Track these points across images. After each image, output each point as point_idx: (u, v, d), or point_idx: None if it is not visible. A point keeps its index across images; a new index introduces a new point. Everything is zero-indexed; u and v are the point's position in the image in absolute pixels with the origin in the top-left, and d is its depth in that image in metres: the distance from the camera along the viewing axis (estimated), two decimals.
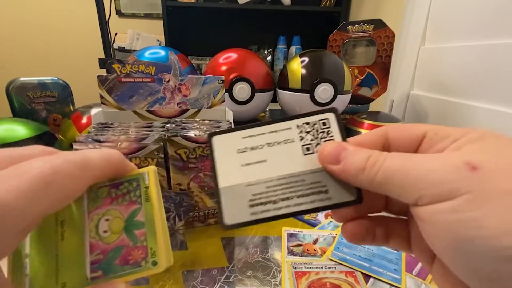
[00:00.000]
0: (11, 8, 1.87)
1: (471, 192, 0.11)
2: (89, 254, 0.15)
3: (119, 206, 0.16)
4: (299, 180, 0.16)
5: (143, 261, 0.15)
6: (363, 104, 0.75)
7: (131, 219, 0.16)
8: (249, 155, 0.17)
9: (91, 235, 0.15)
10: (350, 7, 1.46)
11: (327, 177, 0.16)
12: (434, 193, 0.12)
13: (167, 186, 0.38)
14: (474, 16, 0.63)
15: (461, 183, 0.11)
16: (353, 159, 0.15)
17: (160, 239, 0.15)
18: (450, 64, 0.68)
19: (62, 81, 0.63)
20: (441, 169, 0.12)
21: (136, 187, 0.16)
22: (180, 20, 1.58)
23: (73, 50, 1.95)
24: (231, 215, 0.16)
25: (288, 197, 0.16)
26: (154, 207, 0.16)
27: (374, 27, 0.67)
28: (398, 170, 0.13)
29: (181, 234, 0.39)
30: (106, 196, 0.16)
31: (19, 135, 0.42)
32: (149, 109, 0.46)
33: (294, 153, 0.17)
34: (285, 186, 0.16)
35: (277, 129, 0.17)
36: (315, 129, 0.17)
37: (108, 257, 0.15)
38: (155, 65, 0.44)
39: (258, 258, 0.35)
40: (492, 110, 0.56)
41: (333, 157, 0.15)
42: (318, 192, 0.16)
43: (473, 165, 0.12)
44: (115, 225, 0.15)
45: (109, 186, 0.16)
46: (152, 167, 0.17)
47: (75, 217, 0.15)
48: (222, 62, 0.69)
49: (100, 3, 0.96)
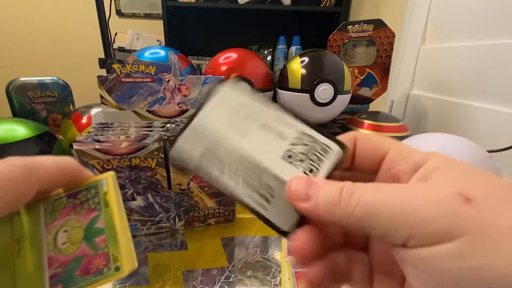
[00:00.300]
0: (11, 8, 1.87)
1: (470, 232, 0.10)
2: (47, 269, 0.15)
3: (78, 215, 0.16)
4: (258, 173, 0.15)
5: (105, 268, 0.14)
6: (363, 104, 0.75)
7: (90, 227, 0.15)
8: (239, 120, 0.16)
9: (49, 248, 0.15)
10: (350, 7, 1.46)
11: (281, 194, 0.15)
12: (427, 232, 0.10)
13: (167, 186, 0.38)
14: (474, 16, 0.63)
15: (458, 220, 0.10)
16: (324, 192, 0.13)
17: (121, 243, 0.15)
18: (450, 64, 0.68)
19: (62, 81, 0.63)
20: (433, 203, 0.11)
21: (95, 194, 0.16)
22: (180, 20, 1.58)
23: (73, 50, 1.95)
24: (181, 147, 0.16)
25: (237, 174, 0.15)
26: (113, 211, 0.15)
27: (374, 27, 0.67)
28: (382, 204, 0.11)
29: (181, 234, 0.39)
30: (64, 207, 0.16)
31: (19, 135, 0.42)
32: (149, 109, 0.46)
33: (276, 150, 0.15)
34: (243, 165, 0.15)
35: (281, 120, 0.16)
36: (312, 148, 0.15)
37: (68, 269, 0.15)
38: (155, 65, 0.44)
39: (258, 258, 0.35)
40: (492, 110, 0.56)
41: (301, 194, 0.13)
42: (262, 195, 0.15)
43: (466, 197, 0.10)
44: (74, 235, 0.15)
45: (66, 196, 0.16)
46: (111, 172, 0.17)
47: (32, 232, 0.15)
48: (222, 62, 0.69)
49: (100, 3, 0.96)
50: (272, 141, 0.16)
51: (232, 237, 0.39)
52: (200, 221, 0.41)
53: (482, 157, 0.35)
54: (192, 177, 0.38)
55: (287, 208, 0.14)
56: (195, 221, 0.41)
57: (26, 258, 0.15)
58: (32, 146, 0.42)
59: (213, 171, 0.15)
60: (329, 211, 0.12)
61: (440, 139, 0.38)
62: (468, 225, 0.10)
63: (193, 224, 0.41)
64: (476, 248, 0.09)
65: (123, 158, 0.34)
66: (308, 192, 0.13)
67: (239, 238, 0.39)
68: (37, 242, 0.15)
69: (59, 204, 0.16)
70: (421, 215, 0.10)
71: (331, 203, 0.12)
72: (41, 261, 0.15)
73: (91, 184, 0.16)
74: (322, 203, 0.13)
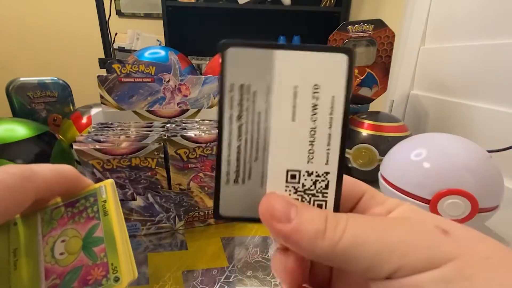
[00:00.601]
0: (11, 8, 1.87)
1: (455, 259, 0.10)
2: (44, 281, 0.14)
3: (76, 224, 0.15)
4: (259, 155, 0.13)
5: (104, 279, 0.14)
6: (363, 104, 0.75)
7: (89, 236, 0.15)
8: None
9: (46, 259, 0.14)
10: (350, 7, 1.46)
11: (253, 190, 0.13)
12: (416, 261, 0.10)
13: (167, 186, 0.38)
14: (474, 16, 0.63)
15: (441, 248, 0.10)
16: (308, 217, 0.12)
17: (121, 253, 0.14)
18: (450, 64, 0.68)
19: (62, 81, 0.63)
20: (417, 234, 0.11)
21: (94, 203, 0.15)
22: (180, 20, 1.58)
23: (73, 50, 1.95)
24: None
25: (244, 135, 0.13)
26: (113, 220, 0.15)
27: (374, 27, 0.67)
28: (369, 236, 0.11)
29: (181, 234, 0.39)
30: (62, 216, 0.15)
31: (19, 135, 0.42)
32: (149, 109, 0.46)
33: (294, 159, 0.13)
34: (259, 136, 0.13)
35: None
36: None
37: (65, 281, 0.14)
38: (155, 65, 0.44)
39: (258, 258, 0.35)
40: (492, 110, 0.56)
41: (281, 213, 0.12)
42: (238, 172, 0.13)
43: (443, 229, 0.11)
44: (72, 245, 0.15)
45: (64, 205, 0.15)
46: (110, 180, 0.16)
47: (29, 243, 0.15)
48: None
49: (100, 3, 0.96)
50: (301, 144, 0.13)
51: (232, 237, 0.39)
52: (200, 221, 0.41)
53: (482, 157, 0.35)
54: (192, 177, 0.38)
55: (243, 201, 0.13)
56: (195, 221, 0.41)
57: (22, 270, 0.14)
58: (32, 146, 0.42)
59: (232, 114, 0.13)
60: (313, 239, 0.11)
61: (440, 139, 0.38)
62: (450, 253, 0.10)
63: (193, 224, 0.41)
64: (463, 273, 0.10)
65: (123, 158, 0.34)
66: (288, 213, 0.12)
67: (239, 238, 0.39)
68: (34, 253, 0.14)
69: (57, 214, 0.15)
70: (409, 246, 0.11)
71: (316, 232, 0.11)
72: (38, 273, 0.14)
73: (89, 192, 0.16)
74: (307, 229, 0.11)
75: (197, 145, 0.36)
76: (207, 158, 0.38)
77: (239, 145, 0.13)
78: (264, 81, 0.13)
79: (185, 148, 0.36)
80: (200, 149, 0.37)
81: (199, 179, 0.38)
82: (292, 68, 0.13)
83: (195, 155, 0.37)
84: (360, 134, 0.56)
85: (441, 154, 0.36)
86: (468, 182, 0.33)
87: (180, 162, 0.37)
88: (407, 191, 0.37)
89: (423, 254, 0.10)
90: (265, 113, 0.13)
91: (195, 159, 0.37)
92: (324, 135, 0.13)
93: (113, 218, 0.15)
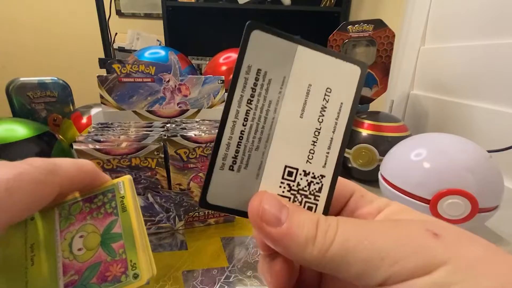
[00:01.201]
0: (11, 8, 1.87)
1: (446, 263, 0.10)
2: (62, 277, 0.14)
3: (94, 220, 0.15)
4: (261, 146, 0.13)
5: (123, 276, 0.14)
6: (363, 104, 0.75)
7: (107, 232, 0.15)
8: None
9: (64, 255, 0.14)
10: (350, 7, 1.46)
11: (248, 182, 0.13)
12: (409, 267, 0.10)
13: (167, 186, 0.38)
14: (474, 16, 0.63)
15: (433, 253, 0.10)
16: (300, 221, 0.11)
17: (140, 249, 0.14)
18: (450, 64, 0.68)
19: (62, 81, 0.63)
20: (409, 239, 0.11)
21: (112, 198, 0.15)
22: (180, 20, 1.58)
23: (73, 50, 1.95)
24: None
25: (251, 121, 0.13)
26: (131, 216, 0.15)
27: (374, 27, 0.67)
28: (360, 241, 0.11)
29: (181, 234, 0.39)
30: (80, 211, 0.15)
31: (19, 135, 0.42)
32: (149, 109, 0.46)
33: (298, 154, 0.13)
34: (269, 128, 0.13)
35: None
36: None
37: (84, 277, 0.14)
38: (155, 65, 0.44)
39: (258, 258, 0.35)
40: (492, 110, 0.56)
41: (271, 215, 0.12)
42: (235, 160, 0.13)
43: (433, 232, 0.11)
44: (90, 241, 0.14)
45: (82, 200, 0.15)
46: (128, 176, 0.16)
47: (47, 238, 0.14)
48: (222, 62, 0.69)
49: (100, 3, 0.96)
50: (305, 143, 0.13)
51: (232, 237, 0.39)
52: (200, 221, 0.41)
53: (482, 157, 0.35)
54: (192, 177, 0.38)
55: (233, 192, 0.13)
56: (195, 221, 0.41)
57: (40, 266, 0.14)
58: (32, 146, 0.42)
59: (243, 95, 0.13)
60: (303, 245, 0.11)
61: (440, 139, 0.38)
62: (442, 256, 0.10)
63: (193, 224, 0.41)
64: (456, 276, 0.10)
65: (123, 158, 0.34)
66: (279, 216, 0.12)
67: (239, 238, 0.39)
68: (51, 248, 0.14)
69: (75, 209, 0.15)
70: (400, 253, 0.10)
71: (307, 236, 0.11)
72: (55, 269, 0.14)
73: (107, 188, 0.16)
74: (298, 234, 0.11)
75: (197, 145, 0.36)
76: (207, 158, 0.38)
77: (243, 130, 0.13)
78: (282, 71, 0.13)
79: (185, 148, 0.36)
80: (200, 149, 0.37)
81: (199, 179, 0.38)
82: (310, 67, 0.13)
83: (195, 155, 0.37)
84: (360, 134, 0.56)
85: (441, 154, 0.36)
86: (468, 182, 0.33)
87: (180, 162, 0.37)
88: (407, 191, 0.37)
89: (414, 260, 0.10)
90: (276, 103, 0.13)
91: (195, 159, 0.37)
92: (326, 138, 0.13)
93: (131, 214, 0.15)
